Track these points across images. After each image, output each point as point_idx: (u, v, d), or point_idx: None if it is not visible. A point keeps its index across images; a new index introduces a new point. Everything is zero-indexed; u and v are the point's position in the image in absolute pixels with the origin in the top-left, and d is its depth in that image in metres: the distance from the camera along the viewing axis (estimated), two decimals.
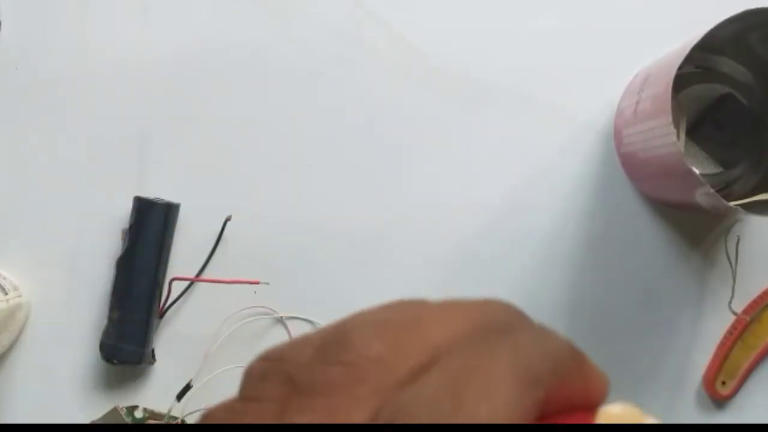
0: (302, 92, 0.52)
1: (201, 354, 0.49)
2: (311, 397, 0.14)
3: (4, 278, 0.50)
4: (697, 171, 0.41)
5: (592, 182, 0.51)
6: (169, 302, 0.50)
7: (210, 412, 0.16)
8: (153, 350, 0.50)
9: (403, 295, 0.52)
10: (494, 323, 0.15)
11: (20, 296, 0.49)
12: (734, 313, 0.50)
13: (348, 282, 0.51)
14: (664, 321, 0.52)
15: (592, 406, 0.16)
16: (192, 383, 0.49)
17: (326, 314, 0.51)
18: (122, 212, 0.50)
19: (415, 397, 0.13)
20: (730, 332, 0.51)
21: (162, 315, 0.50)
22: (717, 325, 0.51)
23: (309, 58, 0.52)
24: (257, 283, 0.50)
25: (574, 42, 0.52)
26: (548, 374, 0.14)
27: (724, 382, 0.51)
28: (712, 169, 0.50)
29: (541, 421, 0.14)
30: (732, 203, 0.41)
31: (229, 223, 0.50)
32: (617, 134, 0.51)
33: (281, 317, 0.51)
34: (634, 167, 0.50)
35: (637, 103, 0.46)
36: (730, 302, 0.50)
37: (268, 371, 0.16)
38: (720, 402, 0.52)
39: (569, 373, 0.15)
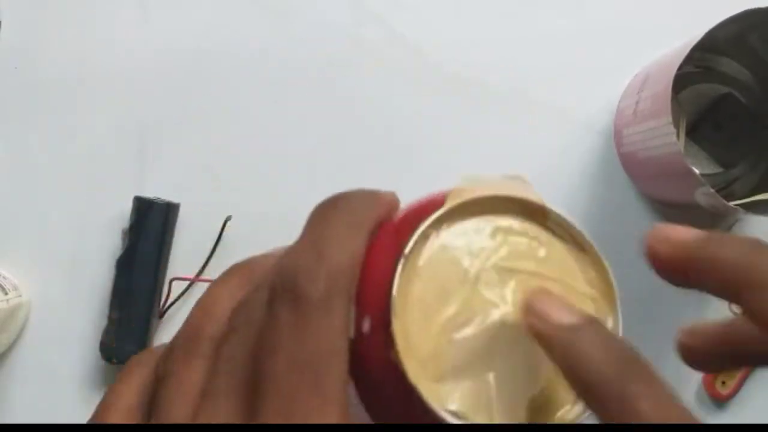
0: (302, 92, 0.52)
1: None
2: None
3: (4, 278, 0.50)
4: (696, 171, 0.41)
5: (592, 182, 0.51)
6: (169, 302, 0.50)
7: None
8: None
9: None
10: (329, 202, 0.23)
11: (20, 296, 0.49)
12: (734, 314, 0.50)
13: None
14: (664, 321, 0.52)
15: (393, 213, 0.24)
16: None
17: None
18: (122, 212, 0.50)
19: (291, 259, 0.20)
20: None
21: (162, 315, 0.50)
22: None
23: (309, 58, 0.52)
24: None
25: (574, 42, 0.52)
26: (369, 217, 0.22)
27: (724, 382, 0.51)
28: (712, 169, 0.50)
29: (369, 243, 0.21)
30: (732, 203, 0.41)
31: (229, 223, 0.50)
32: (617, 134, 0.51)
33: None
34: (634, 167, 0.50)
35: (637, 103, 0.46)
36: (730, 303, 0.50)
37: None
38: (720, 402, 0.52)
39: (379, 208, 0.23)
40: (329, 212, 0.23)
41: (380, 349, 0.21)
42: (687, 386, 0.52)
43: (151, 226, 0.49)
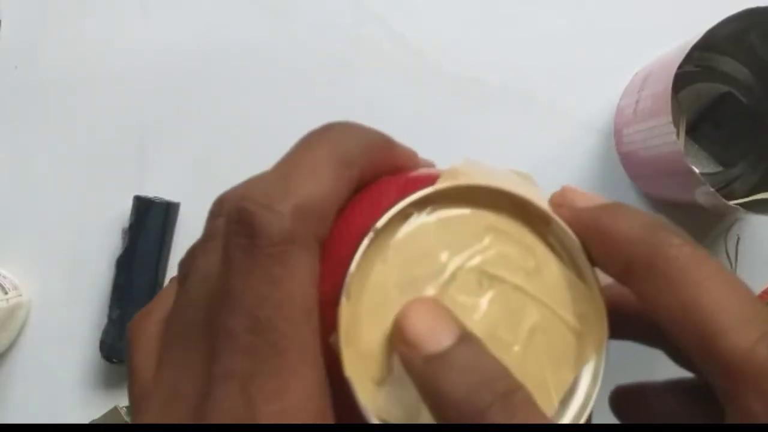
0: (302, 92, 0.52)
1: None
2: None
3: (4, 277, 0.50)
4: (696, 170, 0.41)
5: (592, 181, 0.51)
6: None
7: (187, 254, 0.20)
8: None
9: None
10: (316, 130, 0.20)
11: (20, 295, 0.49)
12: None
13: None
14: None
15: (398, 171, 0.21)
16: None
17: None
18: (122, 212, 0.50)
19: (255, 183, 0.18)
20: None
21: None
22: None
23: (309, 58, 0.52)
24: None
25: (574, 41, 0.52)
26: (360, 156, 0.19)
27: None
28: (712, 168, 0.50)
29: (356, 191, 0.19)
30: (732, 202, 0.41)
31: None
32: (617, 133, 0.51)
33: None
34: (634, 166, 0.50)
35: (637, 102, 0.46)
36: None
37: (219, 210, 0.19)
38: None
39: (379, 154, 0.20)
40: (314, 140, 0.19)
41: (325, 327, 0.17)
42: None
43: (151, 225, 0.49)
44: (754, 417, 0.16)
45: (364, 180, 0.19)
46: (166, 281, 0.50)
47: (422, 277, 0.18)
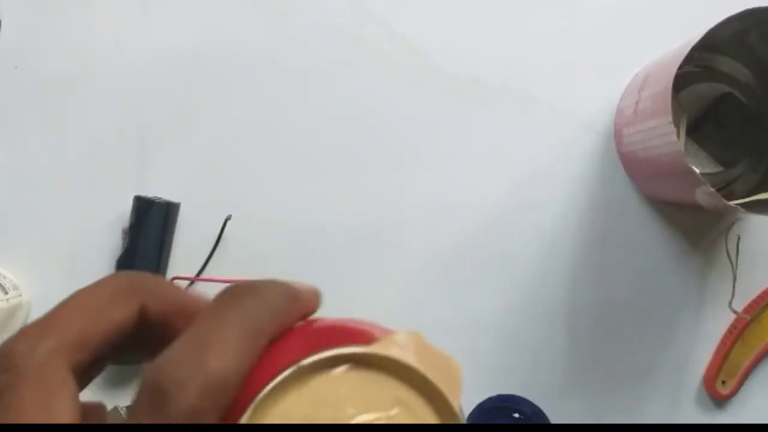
0: (302, 92, 0.52)
1: None
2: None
3: (4, 277, 0.49)
4: (697, 170, 0.41)
5: (593, 181, 0.51)
6: None
7: None
8: None
9: (402, 293, 0.52)
10: (224, 297, 0.20)
11: (20, 295, 0.49)
12: (734, 312, 0.50)
13: (348, 280, 0.51)
14: (664, 320, 0.52)
15: (304, 318, 0.22)
16: None
17: (326, 312, 0.51)
18: (122, 211, 0.50)
19: (167, 360, 0.18)
20: (730, 331, 0.51)
21: None
22: (717, 324, 0.51)
23: (309, 58, 0.52)
24: None
25: (574, 42, 0.52)
26: (269, 324, 0.20)
27: (724, 382, 0.51)
28: (713, 168, 0.50)
29: (266, 353, 0.20)
30: (732, 202, 0.41)
31: (229, 222, 0.50)
32: (617, 133, 0.51)
33: None
34: (634, 166, 0.50)
35: (637, 102, 0.46)
36: (731, 301, 0.50)
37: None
38: (720, 401, 0.52)
39: (287, 314, 0.21)
40: (225, 313, 0.20)
41: None
42: (687, 386, 0.52)
43: (151, 225, 0.49)
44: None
45: (273, 342, 0.21)
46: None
47: (327, 419, 0.20)
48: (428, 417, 0.22)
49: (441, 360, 0.23)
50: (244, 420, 0.19)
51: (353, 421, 0.21)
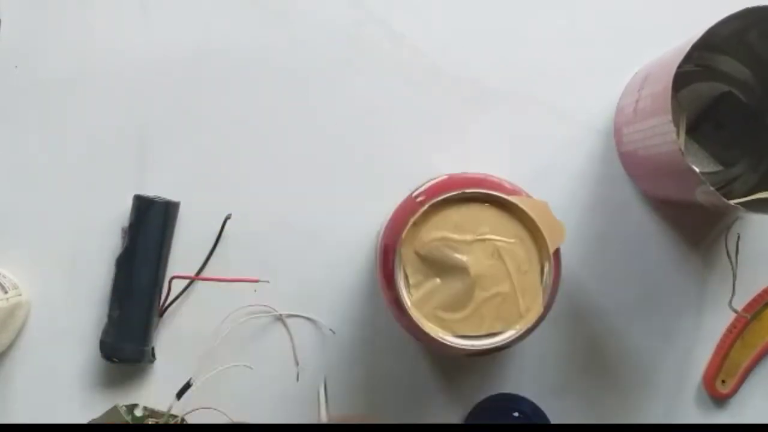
0: (302, 92, 0.52)
1: (201, 352, 0.49)
2: None
3: (4, 277, 0.49)
4: (697, 169, 0.41)
5: (592, 181, 0.52)
6: (169, 301, 0.50)
7: None
8: (153, 349, 0.50)
9: None
10: None
11: (20, 295, 0.49)
12: (734, 311, 0.50)
13: (348, 280, 0.51)
14: (664, 319, 0.52)
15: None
16: (192, 381, 0.49)
17: (326, 312, 0.51)
18: (122, 211, 0.50)
19: None
20: (730, 330, 0.51)
21: (162, 313, 0.50)
22: (717, 323, 0.51)
23: (309, 59, 0.52)
24: (257, 281, 0.50)
25: (574, 41, 0.52)
26: None
27: (724, 381, 0.51)
28: (712, 167, 0.50)
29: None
30: (732, 201, 0.41)
31: (229, 221, 0.50)
32: (617, 133, 0.51)
33: (281, 315, 0.50)
34: (634, 166, 0.50)
35: (637, 101, 0.46)
36: (731, 300, 0.50)
37: None
38: (720, 401, 0.52)
39: None
40: None
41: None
42: (687, 385, 0.52)
43: (151, 224, 0.49)
44: None
45: None
46: (166, 281, 0.50)
47: (467, 230, 0.40)
48: (533, 251, 0.40)
49: (553, 221, 0.40)
50: (413, 219, 0.39)
51: (484, 237, 0.40)
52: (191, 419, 0.49)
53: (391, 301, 0.41)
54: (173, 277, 0.50)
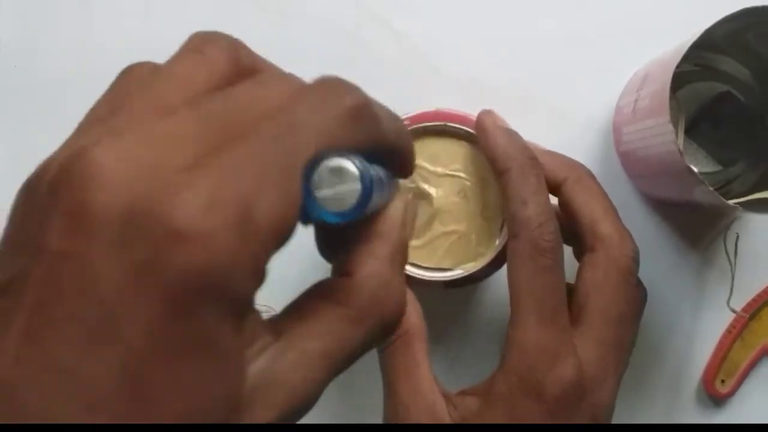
0: None
1: None
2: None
3: None
4: (695, 169, 0.41)
5: None
6: None
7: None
8: None
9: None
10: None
11: None
12: (733, 311, 0.50)
13: None
14: (662, 319, 0.52)
15: None
16: None
17: None
18: None
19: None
20: (729, 330, 0.51)
21: None
22: (716, 323, 0.52)
23: (309, 58, 0.52)
24: None
25: (573, 41, 0.52)
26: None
27: (723, 381, 0.51)
28: (711, 167, 0.50)
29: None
30: (731, 201, 0.42)
31: None
32: (616, 132, 0.51)
33: None
34: (632, 165, 0.50)
35: (636, 101, 0.46)
36: (729, 300, 0.50)
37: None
38: (719, 400, 0.52)
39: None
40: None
41: None
42: (686, 385, 0.52)
43: None
44: (595, 258, 0.39)
45: None
46: None
47: (441, 164, 0.42)
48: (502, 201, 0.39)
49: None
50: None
51: (455, 174, 0.41)
52: None
53: None
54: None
